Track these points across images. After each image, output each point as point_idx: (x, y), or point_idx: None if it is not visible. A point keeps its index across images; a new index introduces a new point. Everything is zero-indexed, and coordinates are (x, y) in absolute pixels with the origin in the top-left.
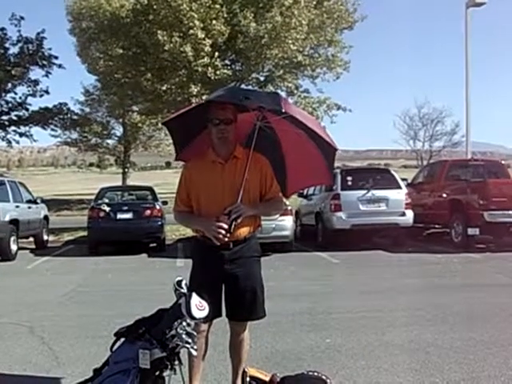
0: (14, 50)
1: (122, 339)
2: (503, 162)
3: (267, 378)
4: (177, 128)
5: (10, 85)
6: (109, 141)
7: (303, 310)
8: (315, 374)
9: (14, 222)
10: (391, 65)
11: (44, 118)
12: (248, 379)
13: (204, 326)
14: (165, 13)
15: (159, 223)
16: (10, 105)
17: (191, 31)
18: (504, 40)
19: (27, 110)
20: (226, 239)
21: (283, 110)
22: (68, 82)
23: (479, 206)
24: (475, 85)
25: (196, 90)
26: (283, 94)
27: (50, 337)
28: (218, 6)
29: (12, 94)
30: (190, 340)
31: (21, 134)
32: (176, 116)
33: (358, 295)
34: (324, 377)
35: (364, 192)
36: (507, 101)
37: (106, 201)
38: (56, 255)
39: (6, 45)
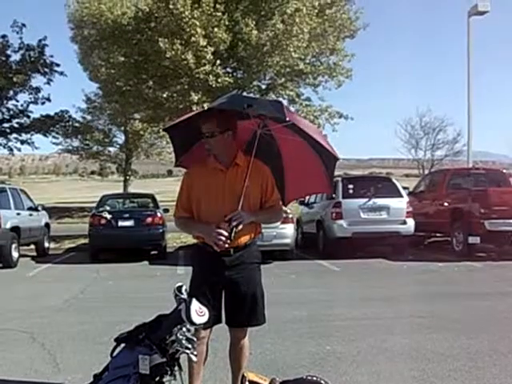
0: (15, 57)
1: (122, 345)
2: (505, 170)
3: (266, 383)
4: (178, 134)
5: (11, 92)
6: (110, 148)
7: (303, 317)
8: (314, 378)
9: (16, 229)
10: (393, 73)
11: (45, 125)
12: (247, 383)
13: (204, 333)
14: (167, 20)
15: (160, 231)
16: (11, 112)
17: (193, 39)
18: (508, 48)
19: (29, 117)
20: (227, 246)
21: (287, 119)
22: (69, 90)
23: (480, 214)
24: (478, 93)
25: (197, 97)
26: (285, 102)
27: (50, 343)
28: (219, 14)
29: (13, 102)
30: (189, 346)
31: (22, 142)
32: (177, 122)
33: (358, 303)
34: (323, 381)
35: (365, 200)
36: (510, 110)
37: (108, 208)
38: (57, 262)
39: (8, 52)
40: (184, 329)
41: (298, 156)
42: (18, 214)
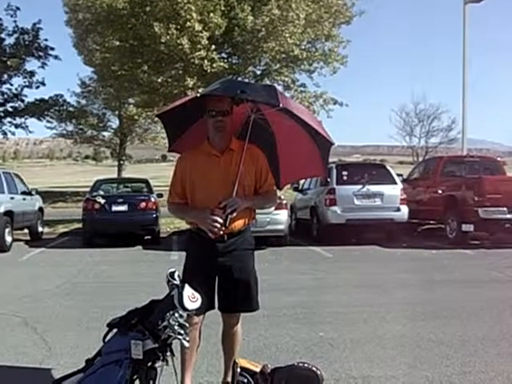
0: (9, 40)
1: (115, 330)
2: (499, 158)
3: (258, 369)
4: (170, 120)
5: (5, 76)
6: (105, 133)
7: (297, 303)
8: (305, 365)
9: (9, 213)
10: (389, 60)
11: (40, 109)
12: (238, 370)
13: (197, 319)
14: (162, 5)
15: (154, 216)
16: (5, 96)
17: (188, 23)
18: (503, 36)
19: (23, 101)
20: (221, 232)
21: (280, 105)
22: (64, 74)
23: (474, 202)
24: (473, 81)
25: (192, 82)
26: (280, 88)
27: (43, 328)
28: None
29: (8, 85)
30: (182, 331)
31: (16, 126)
32: (170, 108)
33: (351, 289)
34: (314, 368)
35: (359, 187)
36: (505, 98)
37: (101, 193)
38: (51, 247)
39: (2, 35)
40: (176, 314)
41: (292, 139)
42: (12, 198)
